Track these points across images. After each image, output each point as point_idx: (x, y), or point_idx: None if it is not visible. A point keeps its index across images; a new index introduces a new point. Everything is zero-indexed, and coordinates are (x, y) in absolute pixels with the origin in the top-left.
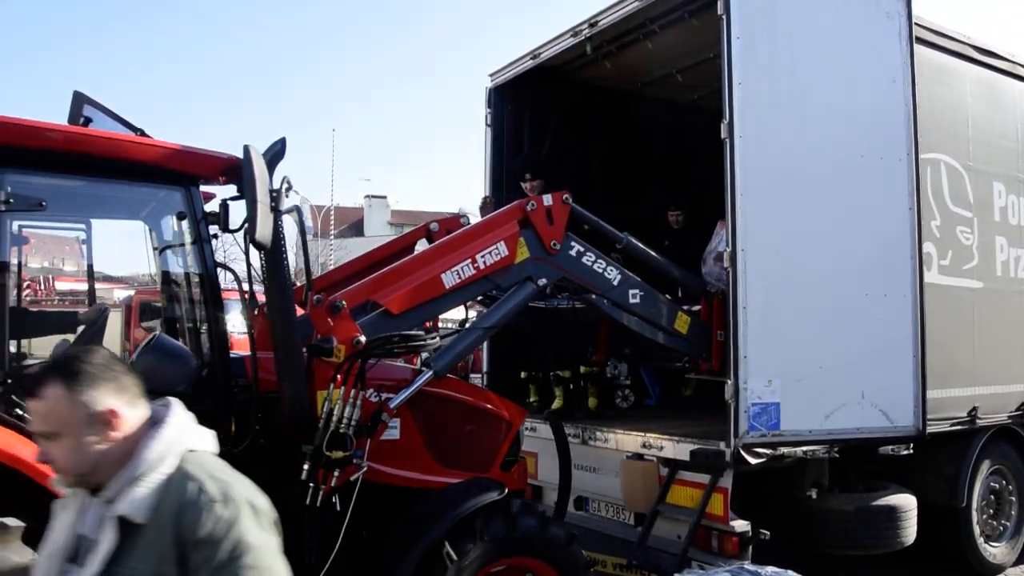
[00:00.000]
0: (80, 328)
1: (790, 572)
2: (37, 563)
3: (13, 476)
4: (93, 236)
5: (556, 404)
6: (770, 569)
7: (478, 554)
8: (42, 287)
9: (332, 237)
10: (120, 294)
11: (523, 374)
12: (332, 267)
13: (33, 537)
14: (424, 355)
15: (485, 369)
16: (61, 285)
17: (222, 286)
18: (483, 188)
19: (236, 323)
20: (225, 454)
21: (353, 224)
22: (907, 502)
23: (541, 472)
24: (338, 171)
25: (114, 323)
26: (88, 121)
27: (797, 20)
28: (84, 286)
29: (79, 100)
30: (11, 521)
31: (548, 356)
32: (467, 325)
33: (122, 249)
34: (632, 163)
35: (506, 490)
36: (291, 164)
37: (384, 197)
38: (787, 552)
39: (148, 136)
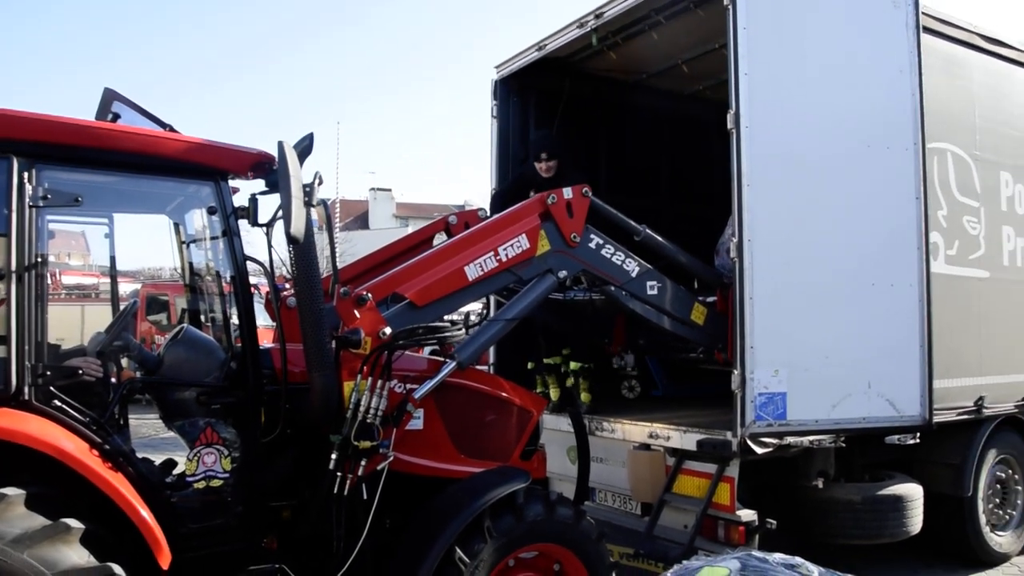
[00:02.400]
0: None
1: (797, 559)
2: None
3: (59, 468)
4: (91, 231)
5: (554, 395)
6: (778, 556)
7: (516, 536)
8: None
9: (338, 230)
10: (125, 288)
11: (530, 365)
12: (338, 259)
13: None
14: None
15: (492, 360)
16: (67, 279)
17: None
18: (489, 180)
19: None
20: (256, 444)
21: (358, 217)
22: (913, 492)
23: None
24: (343, 164)
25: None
26: (116, 117)
27: (803, 10)
28: (90, 280)
29: (108, 97)
30: (73, 523)
31: (539, 346)
32: (489, 317)
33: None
34: (637, 154)
35: (531, 478)
36: None
37: (389, 190)
38: (793, 542)
39: (177, 132)
